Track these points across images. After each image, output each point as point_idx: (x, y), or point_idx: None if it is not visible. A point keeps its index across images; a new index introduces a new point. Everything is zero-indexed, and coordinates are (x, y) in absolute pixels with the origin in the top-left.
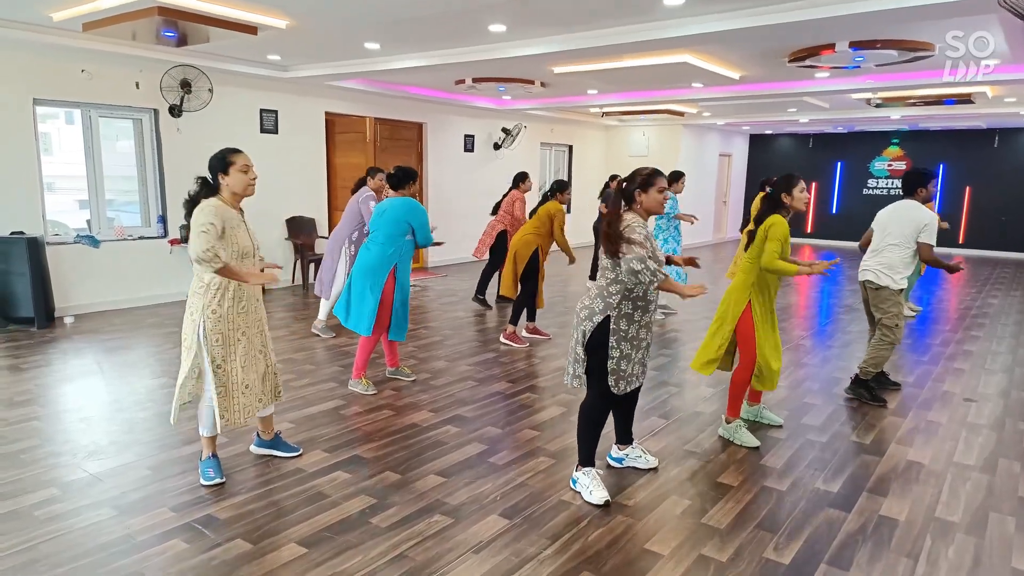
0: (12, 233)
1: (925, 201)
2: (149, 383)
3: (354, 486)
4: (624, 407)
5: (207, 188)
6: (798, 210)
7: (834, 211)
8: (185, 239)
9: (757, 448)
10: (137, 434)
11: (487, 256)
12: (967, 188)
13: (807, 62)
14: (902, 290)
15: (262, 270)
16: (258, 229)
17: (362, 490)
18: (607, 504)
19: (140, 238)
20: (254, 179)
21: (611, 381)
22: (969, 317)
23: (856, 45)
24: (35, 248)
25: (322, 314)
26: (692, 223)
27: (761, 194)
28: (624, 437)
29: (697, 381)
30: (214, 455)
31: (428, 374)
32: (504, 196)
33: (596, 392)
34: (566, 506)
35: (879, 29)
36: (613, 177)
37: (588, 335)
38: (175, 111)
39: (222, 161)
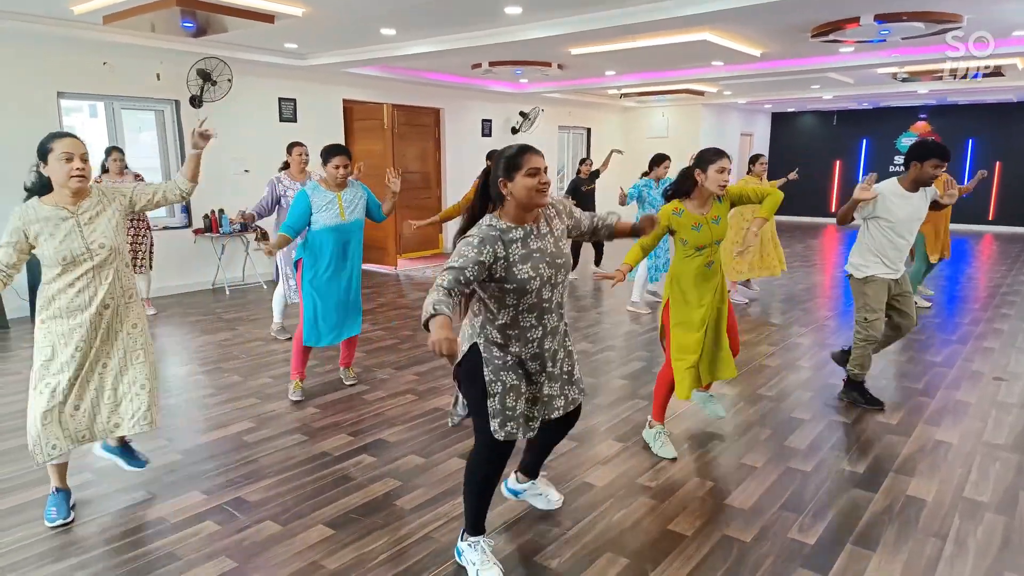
0: None
1: (917, 181)
2: (178, 371)
3: (379, 469)
4: (546, 437)
5: (40, 182)
6: (710, 193)
7: None
8: (208, 228)
9: (674, 460)
10: (167, 419)
11: None
12: (997, 163)
13: (831, 36)
14: (867, 279)
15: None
16: None
17: (387, 473)
18: None
19: (164, 228)
20: (78, 171)
21: (493, 425)
22: (999, 295)
23: (881, 18)
24: None
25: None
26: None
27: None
28: (531, 470)
29: None
30: (60, 488)
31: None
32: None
33: (481, 440)
34: (588, 488)
35: (905, 1)
36: (583, 161)
37: (453, 366)
38: (195, 102)
39: (41, 147)
